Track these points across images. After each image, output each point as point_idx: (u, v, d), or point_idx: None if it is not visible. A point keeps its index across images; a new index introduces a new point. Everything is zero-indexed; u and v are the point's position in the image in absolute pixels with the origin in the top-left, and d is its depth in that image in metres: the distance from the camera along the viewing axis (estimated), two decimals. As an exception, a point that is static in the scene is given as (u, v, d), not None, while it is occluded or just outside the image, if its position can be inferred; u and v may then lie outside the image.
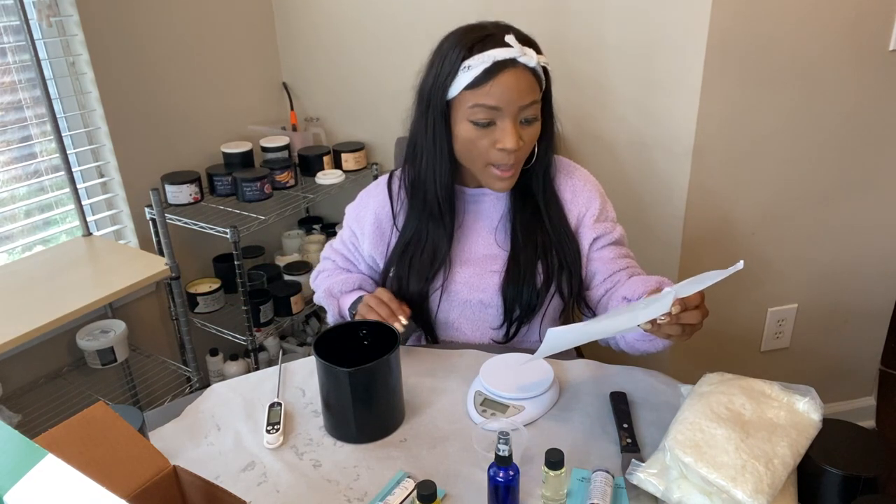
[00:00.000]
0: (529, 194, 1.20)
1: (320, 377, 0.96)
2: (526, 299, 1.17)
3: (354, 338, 1.05)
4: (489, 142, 1.10)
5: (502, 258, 1.20)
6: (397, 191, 1.25)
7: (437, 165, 1.16)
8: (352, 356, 0.98)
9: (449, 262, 1.21)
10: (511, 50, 1.05)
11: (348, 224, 1.31)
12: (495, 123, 1.09)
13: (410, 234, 1.22)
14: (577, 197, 1.21)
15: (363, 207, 1.28)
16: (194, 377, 1.95)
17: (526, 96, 1.07)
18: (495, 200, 1.23)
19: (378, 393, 0.95)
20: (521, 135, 1.09)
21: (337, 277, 1.30)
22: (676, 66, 1.58)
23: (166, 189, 1.89)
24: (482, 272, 1.20)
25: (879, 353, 2.01)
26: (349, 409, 0.94)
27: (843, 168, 1.71)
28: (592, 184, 1.23)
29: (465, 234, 1.23)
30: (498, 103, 1.06)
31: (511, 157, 1.10)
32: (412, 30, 1.94)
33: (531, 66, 1.06)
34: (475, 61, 1.05)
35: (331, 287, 1.28)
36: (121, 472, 0.69)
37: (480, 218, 1.23)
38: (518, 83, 1.06)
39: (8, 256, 1.80)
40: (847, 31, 1.55)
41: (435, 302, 1.22)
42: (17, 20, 1.62)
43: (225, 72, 2.10)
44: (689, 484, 0.79)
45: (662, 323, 0.90)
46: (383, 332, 1.03)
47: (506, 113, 1.07)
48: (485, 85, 1.06)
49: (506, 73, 1.05)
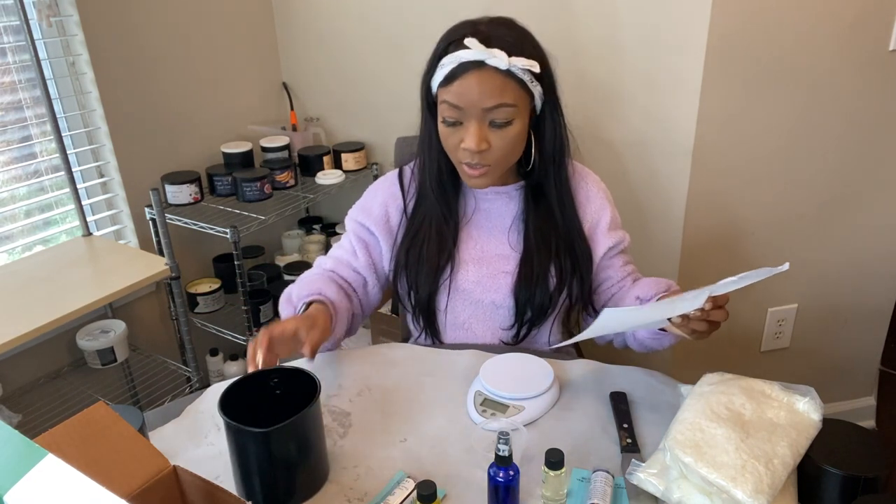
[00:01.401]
0: (542, 195, 1.19)
1: (229, 441, 0.84)
2: (538, 302, 1.17)
3: (265, 388, 0.91)
4: (457, 140, 1.10)
5: (514, 259, 1.19)
6: (408, 184, 1.24)
7: (429, 158, 1.17)
8: (264, 410, 0.86)
9: (457, 260, 1.20)
10: (474, 52, 1.03)
11: (352, 217, 1.26)
12: (462, 123, 1.09)
13: (417, 226, 1.21)
14: (591, 202, 1.21)
15: (371, 199, 1.26)
16: (194, 377, 1.95)
17: (489, 99, 1.05)
18: (507, 200, 1.22)
19: (299, 452, 0.85)
20: (488, 137, 1.08)
21: (299, 283, 1.20)
22: (676, 66, 1.58)
23: (166, 189, 1.89)
24: (494, 272, 1.19)
25: (879, 353, 2.01)
26: (267, 474, 0.84)
27: (843, 168, 1.71)
28: (604, 190, 1.24)
29: (477, 232, 1.22)
30: (459, 103, 1.06)
31: (475, 157, 1.09)
32: (412, 29, 1.94)
33: (502, 68, 1.04)
34: (447, 60, 1.06)
35: (290, 291, 1.18)
36: (121, 472, 0.69)
37: (492, 217, 1.22)
38: (481, 85, 1.04)
39: (8, 256, 1.80)
40: (847, 31, 1.55)
41: (444, 301, 1.21)
42: (17, 20, 1.62)
43: (225, 72, 2.10)
44: (689, 484, 0.79)
45: (693, 318, 0.95)
46: (297, 378, 0.90)
47: (469, 113, 1.07)
48: (451, 84, 1.06)
49: (470, 74, 1.04)
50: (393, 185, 1.25)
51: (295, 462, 0.85)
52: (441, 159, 1.17)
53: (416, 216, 1.22)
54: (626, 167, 1.76)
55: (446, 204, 1.20)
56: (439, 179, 1.19)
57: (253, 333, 1.93)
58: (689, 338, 1.02)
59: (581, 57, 1.70)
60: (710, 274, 1.79)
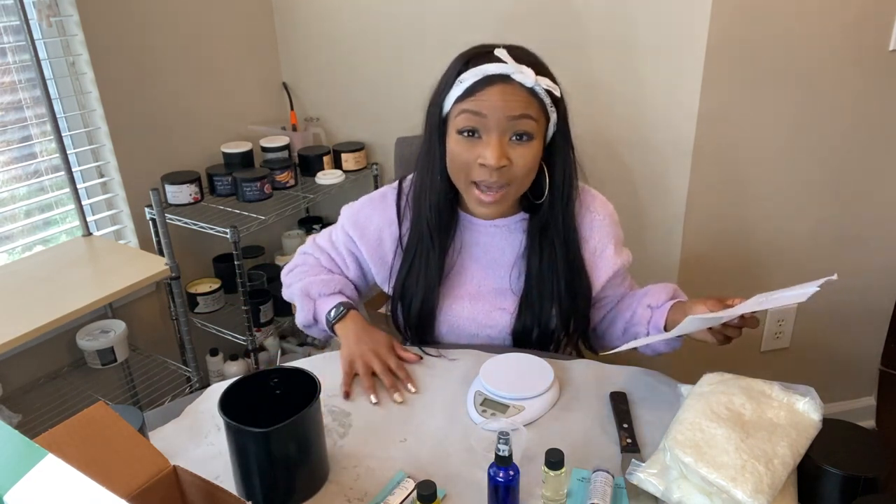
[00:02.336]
0: (546, 231, 1.14)
1: (229, 441, 0.84)
2: (537, 340, 1.16)
3: (265, 388, 0.92)
4: (473, 156, 1.05)
5: (513, 299, 1.16)
6: (404, 209, 1.19)
7: (430, 187, 1.12)
8: (264, 410, 0.86)
9: (452, 295, 1.17)
10: (504, 66, 1.01)
11: (344, 227, 1.24)
12: (481, 136, 1.04)
13: (411, 259, 1.17)
14: (595, 233, 1.17)
15: (366, 217, 1.22)
16: (194, 377, 1.95)
17: (515, 108, 1.02)
18: (507, 233, 1.17)
19: (299, 452, 0.85)
20: (508, 153, 1.04)
21: (316, 277, 1.22)
22: (676, 66, 1.58)
23: (166, 189, 1.89)
24: (490, 309, 1.17)
25: (879, 353, 2.01)
26: (267, 474, 0.84)
27: (843, 168, 1.71)
28: (610, 217, 1.19)
29: (473, 266, 1.19)
30: (483, 109, 1.02)
31: (493, 174, 1.04)
32: (413, 29, 1.94)
33: (527, 84, 1.02)
34: (468, 74, 1.03)
35: (308, 286, 1.21)
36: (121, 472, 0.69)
37: (490, 251, 1.18)
38: (506, 96, 1.02)
39: (8, 256, 1.80)
40: (847, 31, 1.55)
41: (438, 330, 1.19)
42: (17, 20, 1.62)
43: (225, 72, 2.10)
44: (689, 484, 0.79)
45: (731, 325, 0.98)
46: (297, 378, 0.90)
47: (492, 123, 1.03)
48: (474, 94, 1.03)
49: (496, 86, 1.02)
50: (390, 207, 1.20)
51: (295, 462, 0.85)
52: (444, 187, 1.12)
53: (410, 247, 1.18)
54: (626, 167, 1.76)
55: (442, 237, 1.15)
56: (438, 210, 1.13)
57: (253, 334, 1.93)
58: (712, 343, 1.02)
59: (581, 57, 1.70)
60: (709, 274, 1.79)
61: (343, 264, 1.26)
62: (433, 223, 1.14)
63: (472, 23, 1.78)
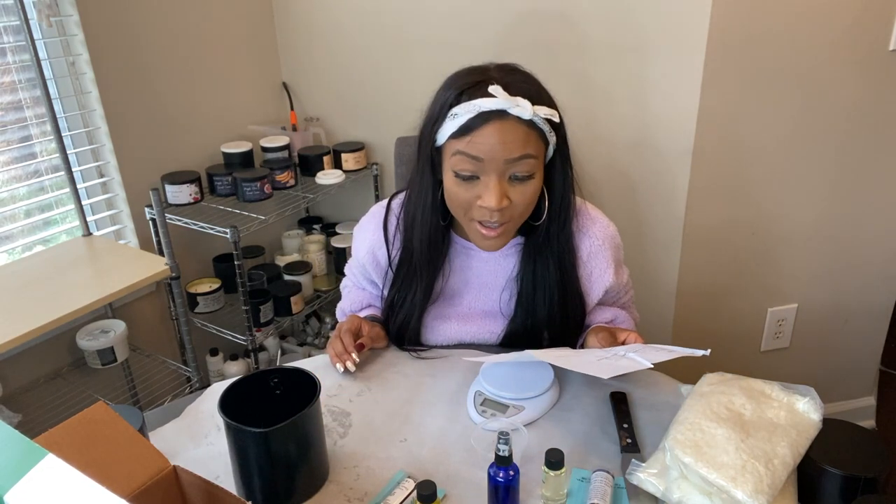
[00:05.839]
0: (541, 254, 1.11)
1: (229, 441, 0.84)
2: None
3: (265, 388, 0.92)
4: (472, 196, 1.01)
5: (502, 321, 1.16)
6: (393, 236, 1.16)
7: (421, 219, 1.10)
8: (264, 410, 0.87)
9: (441, 315, 1.17)
10: (498, 101, 0.95)
11: (353, 271, 1.28)
12: (479, 178, 1.00)
13: (401, 281, 1.16)
14: (593, 259, 1.13)
15: (360, 241, 1.21)
16: (194, 377, 1.95)
17: (514, 150, 0.97)
18: (501, 259, 1.15)
19: (299, 452, 0.85)
20: (508, 193, 1.00)
21: (350, 295, 1.30)
22: (676, 66, 1.58)
23: (166, 189, 1.89)
24: (479, 330, 1.16)
25: (879, 353, 2.01)
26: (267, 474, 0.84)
27: (842, 168, 1.71)
28: (610, 241, 1.14)
29: (464, 288, 1.17)
30: (480, 154, 0.97)
31: (494, 215, 1.01)
32: (412, 29, 1.94)
33: (525, 118, 0.96)
34: (461, 109, 0.97)
35: (343, 305, 1.31)
36: (121, 472, 0.69)
37: (483, 275, 1.16)
38: (504, 136, 0.96)
39: (8, 256, 1.80)
40: (847, 31, 1.55)
41: (428, 341, 1.20)
42: (17, 20, 1.62)
43: (225, 72, 2.10)
44: (689, 484, 0.79)
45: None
46: (297, 378, 0.91)
47: (490, 167, 0.98)
48: (468, 135, 0.97)
49: (492, 124, 0.96)
50: (377, 231, 1.18)
51: (295, 462, 0.85)
52: (435, 220, 1.09)
53: (399, 270, 1.16)
54: (626, 167, 1.76)
55: (431, 269, 1.13)
56: (429, 243, 1.11)
57: (253, 334, 1.93)
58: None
59: (581, 57, 1.70)
60: (709, 274, 1.79)
61: (365, 282, 1.27)
62: (423, 258, 1.12)
63: (471, 23, 1.78)
